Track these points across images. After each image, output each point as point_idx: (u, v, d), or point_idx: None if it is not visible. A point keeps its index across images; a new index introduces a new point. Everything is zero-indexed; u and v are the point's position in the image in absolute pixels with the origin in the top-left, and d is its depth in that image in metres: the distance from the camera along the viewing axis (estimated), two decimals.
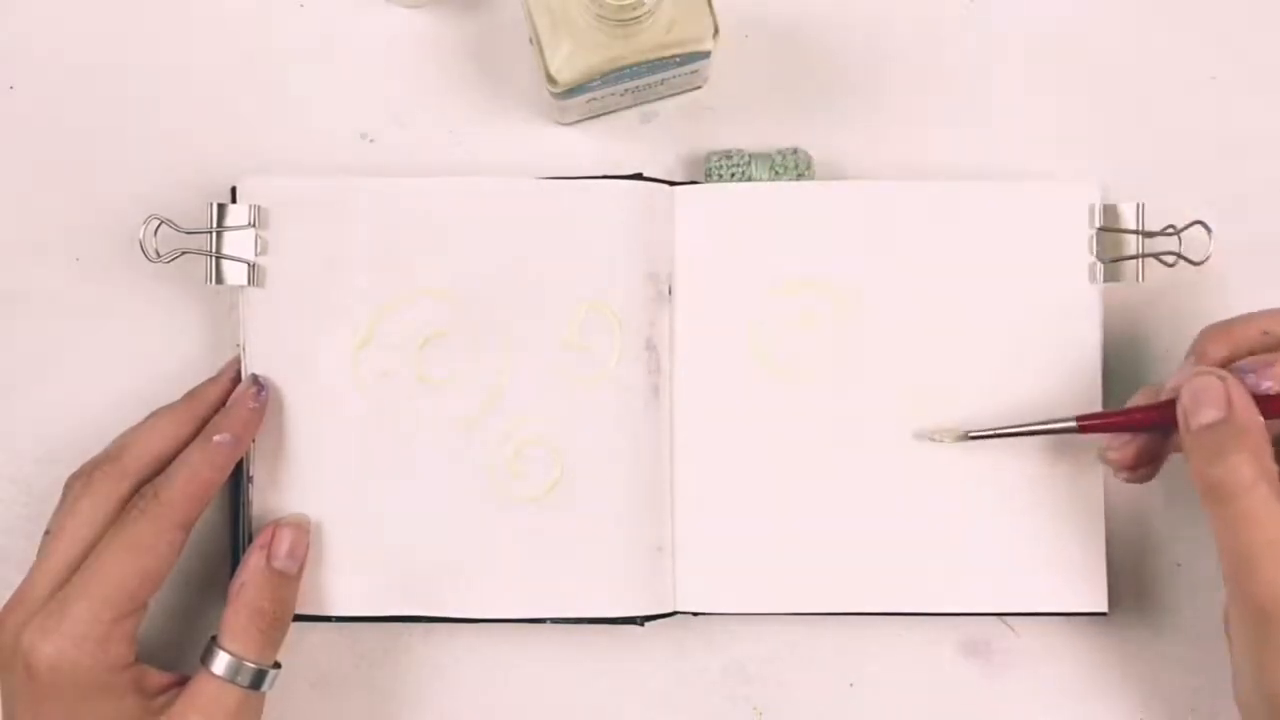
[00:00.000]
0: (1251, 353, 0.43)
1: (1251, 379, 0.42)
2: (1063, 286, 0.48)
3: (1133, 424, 0.44)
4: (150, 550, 0.43)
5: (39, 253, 0.50)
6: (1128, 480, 0.45)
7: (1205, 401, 0.41)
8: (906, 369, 0.48)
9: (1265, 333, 0.43)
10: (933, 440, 0.47)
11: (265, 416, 0.47)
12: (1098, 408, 0.48)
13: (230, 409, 0.46)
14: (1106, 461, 0.45)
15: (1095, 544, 0.48)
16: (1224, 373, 0.41)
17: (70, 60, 0.51)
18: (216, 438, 0.45)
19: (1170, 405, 0.42)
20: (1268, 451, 0.40)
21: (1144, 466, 0.45)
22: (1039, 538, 0.48)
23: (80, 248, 0.50)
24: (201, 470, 0.44)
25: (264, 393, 0.47)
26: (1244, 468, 0.39)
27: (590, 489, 0.48)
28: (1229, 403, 0.40)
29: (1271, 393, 0.41)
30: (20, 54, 0.51)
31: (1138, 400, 0.45)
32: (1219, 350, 0.43)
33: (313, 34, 0.51)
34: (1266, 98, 0.51)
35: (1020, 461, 0.48)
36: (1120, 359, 0.49)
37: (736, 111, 0.51)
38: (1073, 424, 0.45)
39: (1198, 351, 0.44)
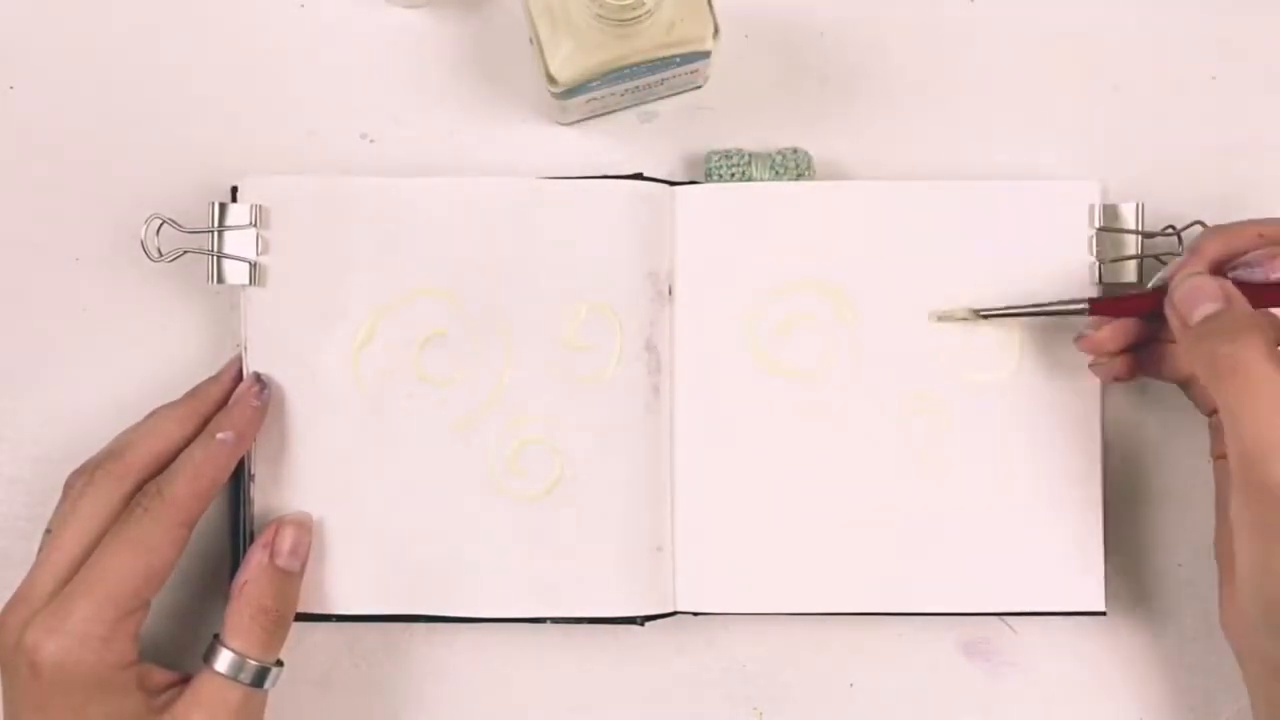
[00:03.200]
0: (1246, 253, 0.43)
1: (1259, 272, 0.42)
2: (1062, 287, 0.48)
3: (1145, 308, 0.45)
4: (154, 549, 0.43)
5: (39, 253, 0.50)
6: (1106, 375, 0.46)
7: (1201, 297, 0.41)
8: (906, 369, 0.48)
9: (1260, 235, 0.43)
10: (942, 319, 0.48)
11: (266, 415, 0.47)
12: (1096, 411, 0.48)
13: (233, 407, 0.46)
14: (1087, 345, 0.46)
15: (1094, 544, 0.48)
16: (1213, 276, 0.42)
17: (70, 60, 0.51)
18: (219, 436, 0.45)
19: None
20: (1276, 337, 0.40)
21: (1122, 357, 0.46)
22: (1038, 537, 0.48)
23: (80, 248, 0.50)
24: (205, 468, 0.44)
25: (266, 391, 0.47)
26: (1258, 345, 0.39)
27: (590, 489, 0.48)
28: (1226, 295, 0.41)
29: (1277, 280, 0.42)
30: (20, 54, 0.51)
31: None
32: (1214, 249, 0.43)
33: (313, 34, 0.51)
34: (1266, 98, 0.51)
35: (1020, 461, 0.48)
36: None
37: (736, 111, 0.51)
38: (1085, 306, 0.46)
39: (1194, 249, 0.44)
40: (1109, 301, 0.46)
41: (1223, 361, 0.39)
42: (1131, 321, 0.45)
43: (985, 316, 0.47)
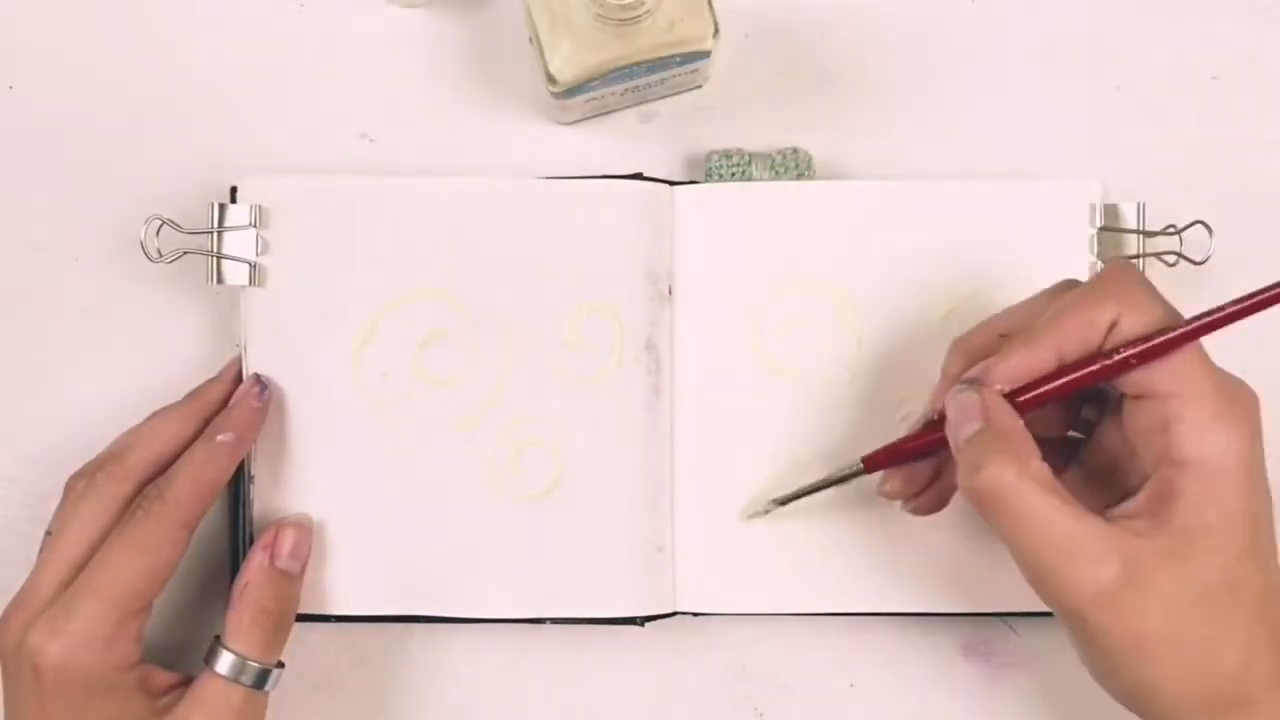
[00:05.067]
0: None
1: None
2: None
3: (914, 451, 0.43)
4: (156, 550, 0.43)
5: (39, 253, 0.50)
6: (914, 512, 0.44)
7: (963, 418, 0.39)
8: (906, 368, 0.48)
9: (1001, 336, 0.41)
10: (752, 515, 0.47)
11: (267, 416, 0.47)
12: None
13: (233, 408, 0.46)
14: (884, 495, 0.44)
15: None
16: (979, 384, 0.40)
17: (70, 60, 0.51)
18: (220, 437, 0.45)
19: (942, 425, 0.41)
20: (1032, 453, 0.38)
21: (923, 495, 0.44)
22: None
23: (80, 248, 0.50)
24: (206, 470, 0.44)
25: (266, 392, 0.47)
26: (1004, 471, 0.37)
27: (590, 489, 0.48)
28: (984, 411, 0.38)
29: (1003, 391, 0.39)
30: (20, 54, 0.51)
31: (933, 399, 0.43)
32: (956, 364, 0.42)
33: (313, 34, 0.51)
34: (1266, 98, 0.51)
35: None
36: None
37: (736, 111, 0.51)
38: (859, 466, 0.44)
39: (944, 369, 0.43)
40: (881, 454, 0.44)
41: (975, 492, 0.38)
42: (921, 462, 0.44)
43: (783, 503, 0.46)
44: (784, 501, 0.47)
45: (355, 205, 0.48)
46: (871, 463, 0.44)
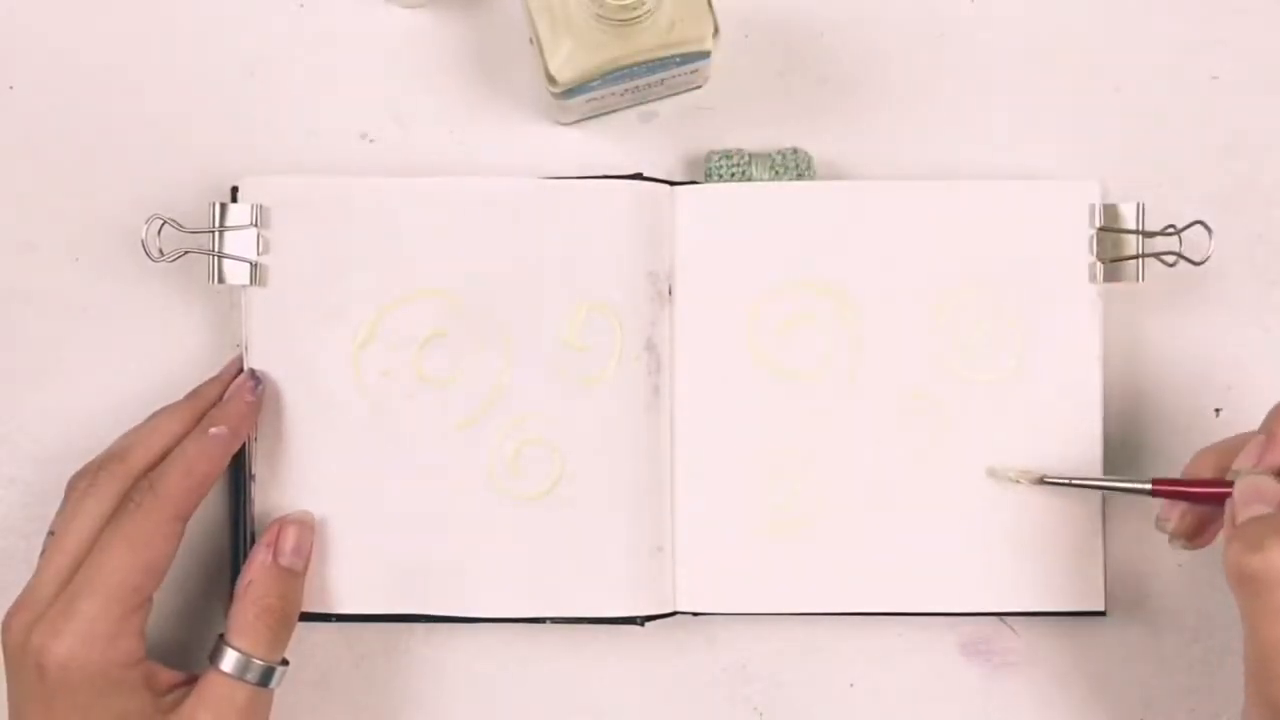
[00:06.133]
0: None
1: None
2: (1063, 286, 0.48)
3: (1206, 497, 0.44)
4: (149, 544, 0.43)
5: (39, 253, 0.50)
6: (1184, 548, 0.45)
7: (1255, 498, 0.40)
8: (906, 369, 0.48)
9: None
10: (1011, 480, 0.47)
11: (267, 415, 0.47)
12: (1097, 412, 0.48)
13: (227, 402, 0.46)
14: (1164, 530, 0.45)
15: (1094, 543, 0.48)
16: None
17: (70, 60, 0.51)
18: (212, 430, 0.45)
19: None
20: None
21: (1201, 536, 0.45)
22: (1038, 537, 0.48)
23: (80, 248, 0.50)
24: (197, 462, 0.44)
25: (260, 387, 0.47)
26: None
27: (590, 489, 0.48)
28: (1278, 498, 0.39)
29: None
30: (20, 54, 0.51)
31: (1196, 462, 0.45)
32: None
33: (313, 34, 0.51)
34: (1266, 98, 0.51)
35: (1020, 461, 0.48)
36: (1120, 358, 0.49)
37: (736, 111, 0.51)
38: (1147, 486, 0.45)
39: (1270, 430, 0.42)
40: (1171, 485, 0.45)
41: (1246, 571, 0.38)
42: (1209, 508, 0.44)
43: (1046, 483, 0.47)
44: (1049, 482, 0.47)
45: (355, 205, 0.48)
46: (1159, 489, 0.45)
